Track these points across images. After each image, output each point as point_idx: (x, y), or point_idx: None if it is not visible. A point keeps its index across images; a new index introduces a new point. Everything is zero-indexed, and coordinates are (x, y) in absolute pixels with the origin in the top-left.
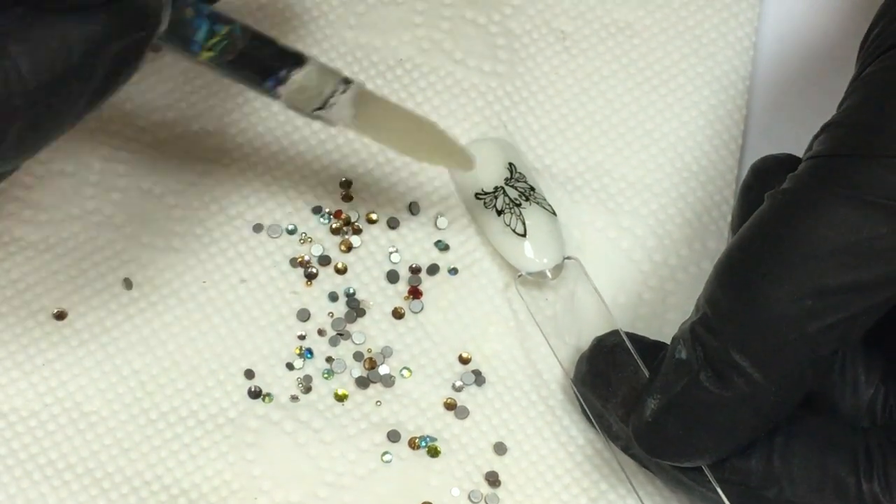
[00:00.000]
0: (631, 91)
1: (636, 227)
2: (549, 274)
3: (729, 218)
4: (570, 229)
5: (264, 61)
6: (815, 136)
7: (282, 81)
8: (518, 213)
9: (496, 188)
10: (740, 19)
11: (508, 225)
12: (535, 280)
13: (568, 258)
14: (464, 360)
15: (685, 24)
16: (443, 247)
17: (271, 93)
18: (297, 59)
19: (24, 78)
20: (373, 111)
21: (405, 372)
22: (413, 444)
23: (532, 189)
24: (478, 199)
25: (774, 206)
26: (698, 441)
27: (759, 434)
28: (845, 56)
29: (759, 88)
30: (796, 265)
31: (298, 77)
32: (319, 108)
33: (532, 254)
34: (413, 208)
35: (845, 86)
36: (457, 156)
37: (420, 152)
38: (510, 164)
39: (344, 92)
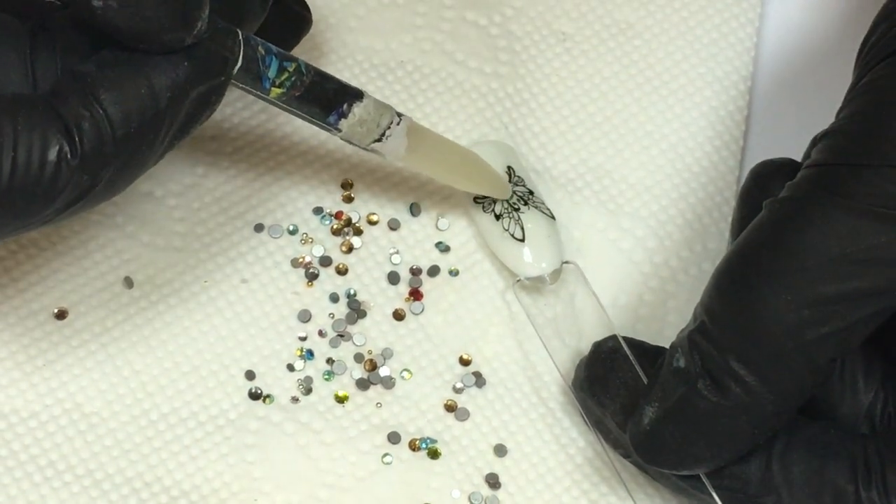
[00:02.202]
0: (632, 92)
1: (637, 229)
2: (547, 279)
3: (730, 219)
4: (570, 231)
5: (327, 96)
6: (812, 144)
7: (344, 115)
8: (517, 218)
9: None
10: (741, 20)
11: (507, 230)
12: (534, 284)
13: (566, 263)
14: (464, 362)
15: (686, 25)
16: (444, 248)
17: (333, 126)
18: (356, 94)
19: (114, 126)
20: (421, 143)
21: (405, 374)
22: (413, 446)
23: (531, 193)
24: (476, 202)
25: (772, 214)
26: (696, 449)
27: (757, 442)
28: (846, 56)
29: (760, 89)
30: (794, 274)
31: (359, 110)
32: (377, 141)
33: (531, 258)
34: (414, 210)
35: (846, 86)
36: (495, 184)
37: (462, 181)
38: (509, 167)
39: (398, 124)
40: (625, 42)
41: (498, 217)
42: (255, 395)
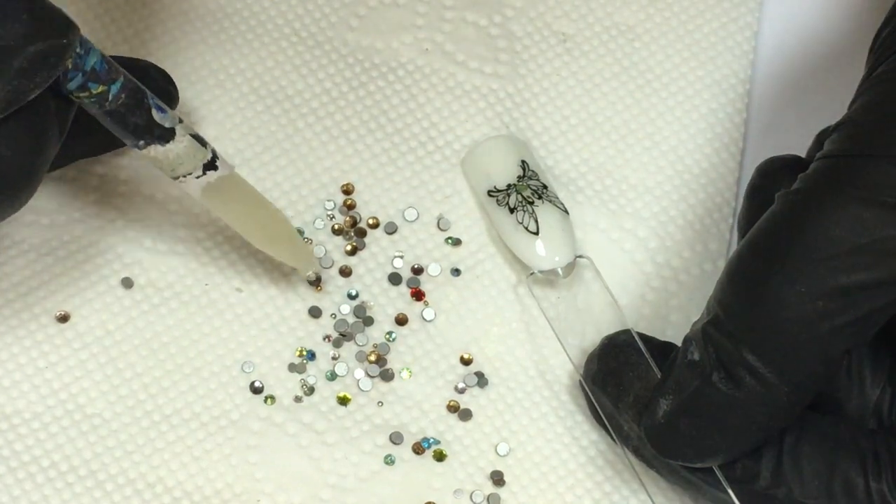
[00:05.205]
0: (632, 93)
1: (638, 229)
2: (560, 272)
3: (731, 220)
4: (572, 230)
5: (127, 126)
6: (815, 140)
7: (140, 147)
8: (531, 211)
9: (509, 186)
10: (740, 23)
11: (521, 223)
12: (547, 278)
13: (580, 257)
14: (466, 362)
15: (685, 28)
16: (445, 248)
17: (133, 145)
18: (163, 136)
19: None
20: (226, 195)
21: (407, 374)
22: (418, 449)
23: (544, 187)
24: (490, 196)
25: (786, 206)
26: (711, 441)
27: (771, 434)
28: (844, 59)
29: (758, 91)
30: (808, 265)
31: (155, 151)
32: (174, 178)
33: (544, 252)
34: (416, 209)
35: (843, 88)
36: (298, 254)
37: (263, 241)
38: (523, 161)
39: (198, 177)
40: (625, 44)
41: (512, 210)
42: (257, 395)
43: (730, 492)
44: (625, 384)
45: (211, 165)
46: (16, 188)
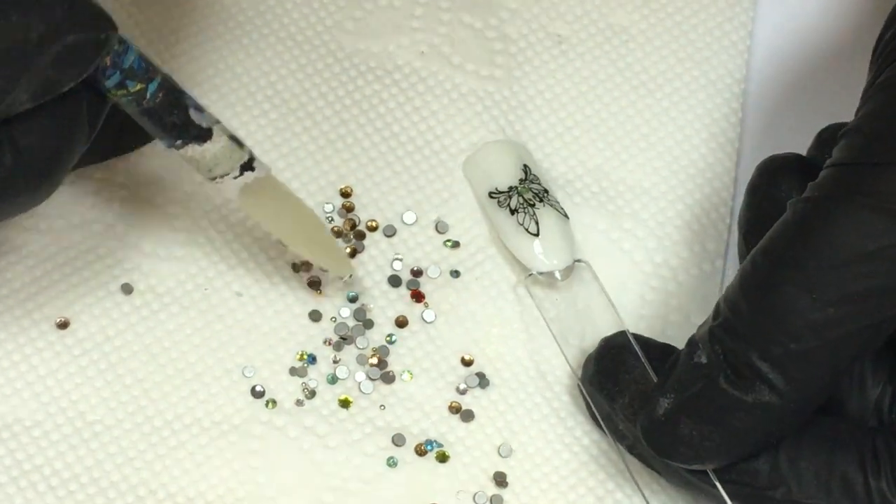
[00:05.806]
0: (627, 95)
1: (637, 230)
2: (558, 275)
3: (728, 219)
4: (572, 235)
5: (165, 125)
6: (817, 139)
7: (178, 147)
8: (532, 213)
9: (510, 188)
10: (735, 23)
11: (521, 224)
12: (545, 280)
13: (578, 261)
14: (467, 363)
15: (680, 29)
16: (444, 250)
17: (170, 145)
18: (201, 136)
19: None
20: (264, 198)
21: (408, 375)
22: (420, 451)
23: (546, 191)
24: (491, 197)
25: (796, 214)
26: (710, 443)
27: (772, 440)
28: (838, 58)
29: (754, 90)
30: (819, 273)
31: (192, 151)
32: (211, 179)
33: (543, 254)
34: (415, 212)
35: (839, 87)
36: (337, 259)
37: (301, 246)
38: (525, 165)
39: (236, 178)
40: (620, 45)
41: (513, 212)
42: (258, 399)
43: (721, 491)
44: (621, 385)
45: (248, 166)
46: (38, 181)
